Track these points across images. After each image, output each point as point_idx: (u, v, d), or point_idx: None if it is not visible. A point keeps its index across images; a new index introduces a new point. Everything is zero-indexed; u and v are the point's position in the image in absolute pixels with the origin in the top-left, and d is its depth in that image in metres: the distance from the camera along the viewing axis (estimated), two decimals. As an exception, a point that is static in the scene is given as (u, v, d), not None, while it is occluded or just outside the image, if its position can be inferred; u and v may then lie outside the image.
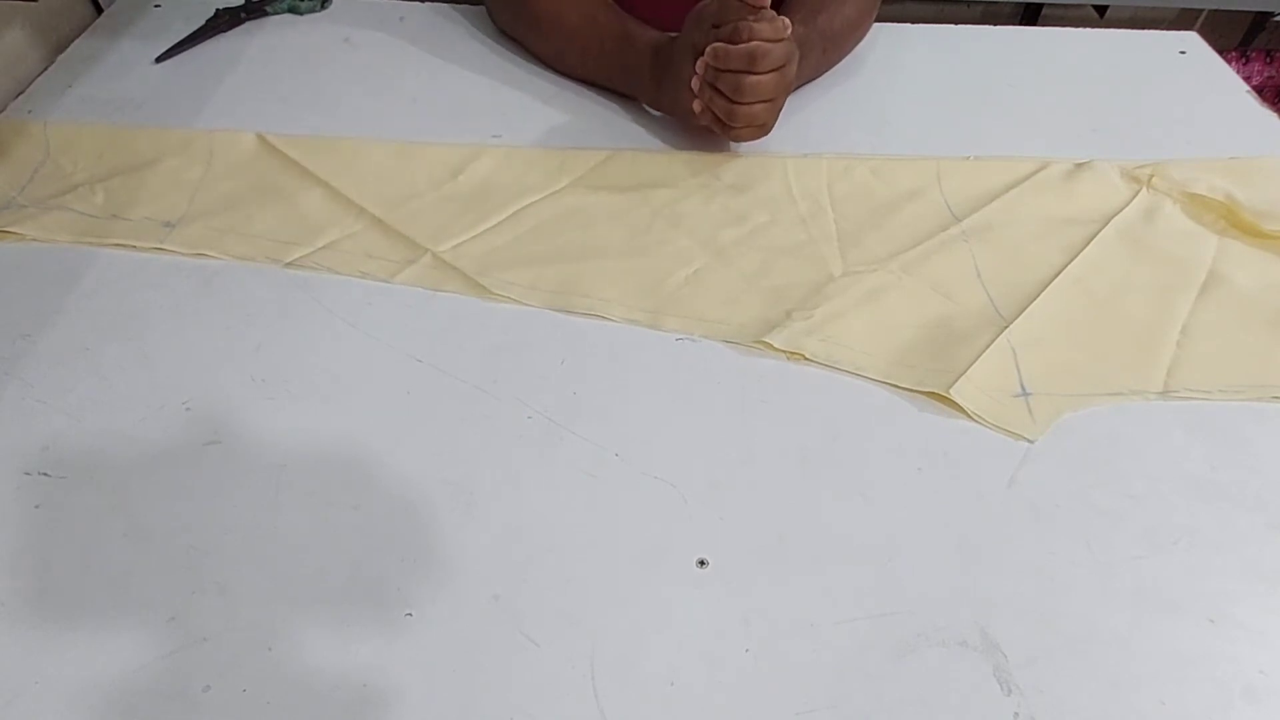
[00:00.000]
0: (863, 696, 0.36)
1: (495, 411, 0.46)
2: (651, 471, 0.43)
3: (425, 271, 0.53)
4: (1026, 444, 0.45)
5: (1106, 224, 0.57)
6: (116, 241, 0.54)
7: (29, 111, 0.64)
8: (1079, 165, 0.62)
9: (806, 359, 0.49)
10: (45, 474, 0.42)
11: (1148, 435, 0.46)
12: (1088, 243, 0.56)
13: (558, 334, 0.50)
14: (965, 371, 0.47)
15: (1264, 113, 0.69)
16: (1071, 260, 0.55)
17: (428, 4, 0.78)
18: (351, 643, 0.37)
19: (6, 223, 0.55)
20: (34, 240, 0.54)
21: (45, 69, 0.69)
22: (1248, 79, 1.00)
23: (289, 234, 0.55)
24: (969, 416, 0.46)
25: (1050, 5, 1.10)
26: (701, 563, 0.40)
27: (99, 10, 0.76)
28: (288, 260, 0.54)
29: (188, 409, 0.45)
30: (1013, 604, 0.39)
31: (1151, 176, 0.61)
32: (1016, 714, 0.35)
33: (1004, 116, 0.68)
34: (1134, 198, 0.60)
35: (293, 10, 0.77)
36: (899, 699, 0.36)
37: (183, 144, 0.62)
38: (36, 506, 0.41)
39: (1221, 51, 0.77)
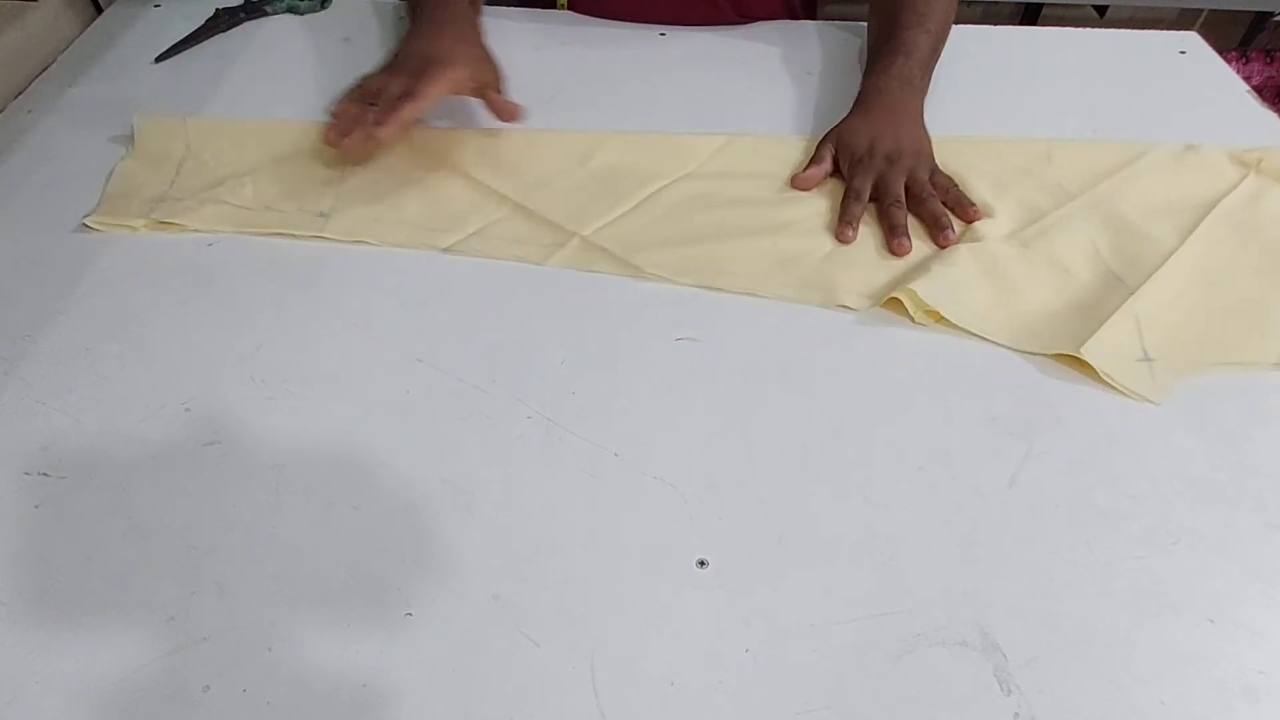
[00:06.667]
0: (863, 696, 0.36)
1: (495, 411, 0.46)
2: (651, 471, 0.43)
3: (576, 254, 0.55)
4: (1027, 444, 0.45)
5: (1215, 205, 0.59)
6: (276, 231, 0.55)
7: (28, 111, 0.64)
8: (1188, 148, 0.64)
9: (916, 321, 0.51)
10: (45, 474, 0.42)
11: (1148, 435, 0.46)
12: (1198, 223, 0.57)
13: (558, 334, 0.50)
14: (1094, 335, 0.49)
15: (1264, 113, 0.69)
16: (1184, 239, 0.56)
17: (428, 4, 0.78)
18: (351, 643, 0.37)
19: (166, 214, 0.56)
20: (196, 231, 0.55)
21: (45, 69, 0.69)
22: (1248, 79, 1.00)
23: (438, 221, 0.57)
24: (1092, 378, 0.48)
25: (1050, 5, 1.10)
26: (701, 563, 0.40)
27: (99, 10, 0.76)
28: (443, 246, 0.55)
29: (188, 409, 0.45)
30: (1013, 604, 0.39)
31: (1260, 160, 0.62)
32: (1016, 714, 0.35)
33: (1004, 116, 0.68)
34: (1241, 181, 0.61)
35: (292, 10, 0.77)
36: (899, 699, 0.36)
37: (316, 138, 0.61)
38: (36, 506, 0.41)
39: (1221, 51, 0.77)
